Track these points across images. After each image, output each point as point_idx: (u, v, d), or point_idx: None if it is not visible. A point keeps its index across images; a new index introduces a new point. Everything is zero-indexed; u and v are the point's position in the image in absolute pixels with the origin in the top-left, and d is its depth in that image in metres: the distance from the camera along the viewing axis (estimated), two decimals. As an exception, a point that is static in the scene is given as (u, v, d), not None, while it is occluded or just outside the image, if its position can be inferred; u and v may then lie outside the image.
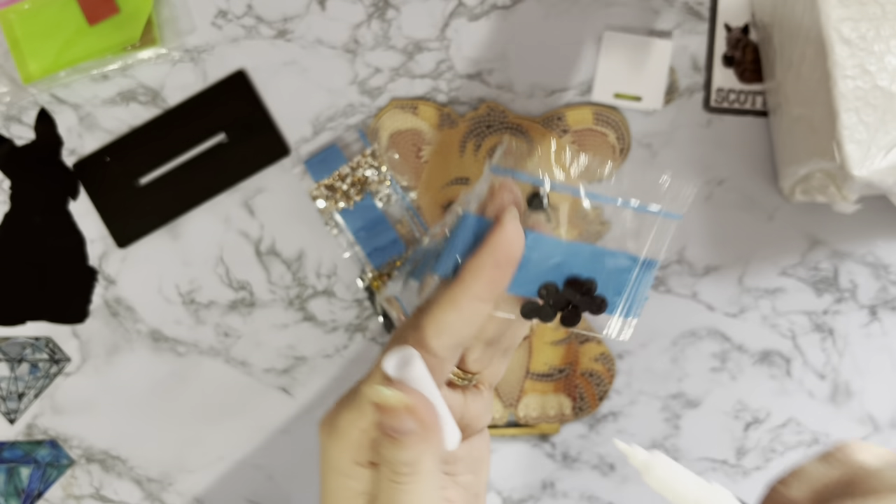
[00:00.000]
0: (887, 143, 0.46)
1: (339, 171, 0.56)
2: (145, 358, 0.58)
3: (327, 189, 0.56)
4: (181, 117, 0.57)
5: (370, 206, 0.56)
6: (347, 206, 0.55)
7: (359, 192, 0.55)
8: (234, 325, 0.58)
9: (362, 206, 0.56)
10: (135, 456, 0.58)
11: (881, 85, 0.46)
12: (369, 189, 0.56)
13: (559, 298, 0.34)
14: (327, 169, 0.56)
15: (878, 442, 0.57)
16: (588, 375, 0.57)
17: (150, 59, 0.57)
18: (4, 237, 0.58)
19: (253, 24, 0.57)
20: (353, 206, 0.55)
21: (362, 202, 0.56)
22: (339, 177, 0.56)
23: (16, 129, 0.58)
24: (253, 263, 0.58)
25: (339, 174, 0.56)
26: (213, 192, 0.57)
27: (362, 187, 0.55)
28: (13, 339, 0.58)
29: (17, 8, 0.56)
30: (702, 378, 0.57)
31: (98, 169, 0.57)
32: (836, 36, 0.46)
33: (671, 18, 0.57)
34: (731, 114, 0.57)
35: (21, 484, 0.58)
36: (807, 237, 0.57)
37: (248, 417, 0.58)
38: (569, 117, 0.56)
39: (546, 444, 0.58)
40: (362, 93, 0.57)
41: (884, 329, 0.57)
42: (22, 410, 0.58)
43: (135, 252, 0.58)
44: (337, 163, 0.56)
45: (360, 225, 0.56)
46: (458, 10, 0.57)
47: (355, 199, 0.55)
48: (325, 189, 0.56)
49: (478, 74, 0.57)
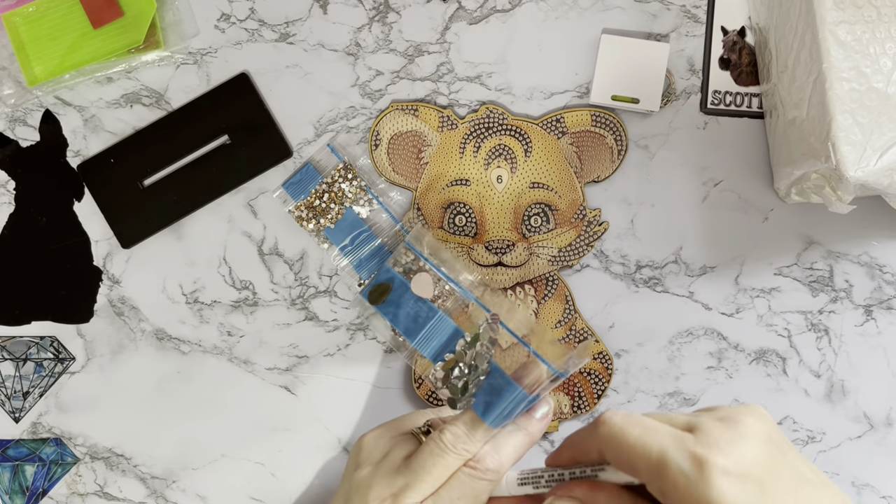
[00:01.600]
0: (882, 144, 0.46)
1: (316, 189, 0.56)
2: (149, 357, 0.58)
3: (307, 208, 0.56)
4: (185, 119, 0.57)
5: (353, 219, 0.56)
6: (330, 225, 0.56)
7: (339, 206, 0.56)
8: (238, 325, 0.58)
9: (345, 220, 0.56)
10: (139, 454, 0.59)
11: (876, 87, 0.46)
12: (347, 201, 0.56)
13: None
14: (304, 188, 0.57)
15: (873, 440, 0.58)
16: (586, 374, 0.57)
17: (154, 61, 0.57)
18: (10, 238, 0.58)
19: (256, 27, 0.58)
20: (335, 223, 0.56)
21: (345, 216, 0.56)
22: (316, 194, 0.56)
23: (21, 131, 0.58)
24: (256, 263, 0.58)
25: (315, 192, 0.56)
26: (217, 193, 0.57)
27: (341, 201, 0.56)
28: (18, 339, 0.59)
29: (23, 11, 0.56)
30: (698, 376, 0.58)
31: (102, 170, 0.58)
32: (831, 38, 0.46)
33: (668, 21, 0.57)
34: (727, 116, 0.57)
35: (26, 482, 0.58)
36: (802, 237, 0.57)
37: (251, 415, 0.58)
38: (567, 119, 0.56)
39: (545, 441, 0.58)
40: (363, 95, 0.58)
41: (879, 328, 0.58)
42: (27, 409, 0.59)
43: (139, 252, 0.58)
44: (313, 181, 0.57)
45: (346, 240, 0.57)
46: (458, 14, 0.58)
47: (337, 216, 0.56)
48: (305, 208, 0.56)
49: (477, 77, 0.58)
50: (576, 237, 0.57)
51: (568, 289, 0.57)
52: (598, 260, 0.58)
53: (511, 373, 0.46)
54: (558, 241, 0.57)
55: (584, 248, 0.57)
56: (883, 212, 0.55)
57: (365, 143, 0.58)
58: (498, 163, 0.57)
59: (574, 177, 0.57)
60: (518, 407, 0.45)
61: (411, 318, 0.51)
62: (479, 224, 0.57)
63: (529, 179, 0.56)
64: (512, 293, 0.57)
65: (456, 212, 0.57)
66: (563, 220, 0.57)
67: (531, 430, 0.45)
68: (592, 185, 0.57)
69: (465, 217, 0.57)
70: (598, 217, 0.57)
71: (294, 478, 0.59)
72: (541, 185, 0.56)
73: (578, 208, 0.57)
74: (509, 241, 0.57)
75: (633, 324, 0.58)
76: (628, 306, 0.58)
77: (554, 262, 0.57)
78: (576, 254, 0.57)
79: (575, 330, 0.57)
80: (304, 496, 0.59)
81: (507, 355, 0.53)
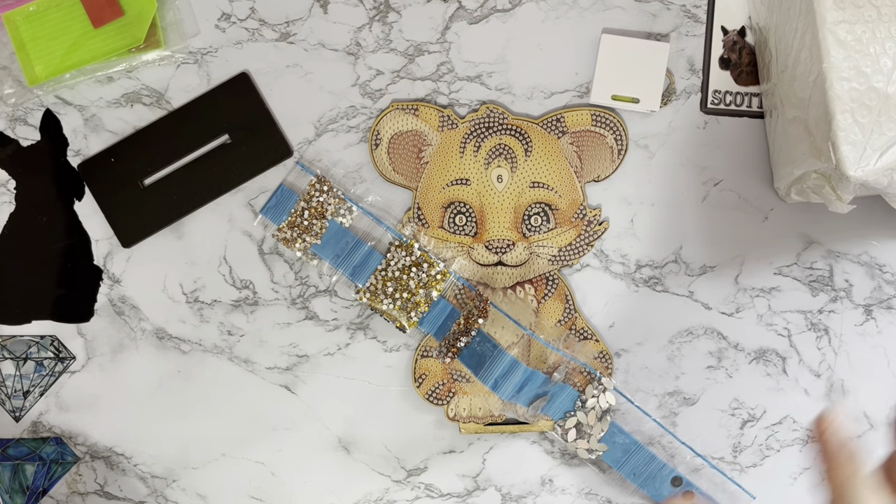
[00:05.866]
0: (882, 143, 0.46)
1: (295, 208, 0.56)
2: (150, 356, 0.58)
3: (290, 228, 0.56)
4: (185, 119, 0.57)
5: (337, 230, 0.56)
6: (317, 241, 0.56)
7: (321, 221, 0.56)
8: (238, 324, 0.58)
9: (330, 232, 0.56)
10: (139, 453, 0.59)
11: (876, 86, 0.46)
12: (329, 214, 0.56)
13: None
14: (284, 210, 0.57)
15: (872, 440, 0.58)
16: (587, 373, 0.57)
17: (155, 61, 0.57)
18: (10, 237, 0.58)
19: (256, 26, 0.58)
20: (321, 238, 0.56)
21: (329, 229, 0.56)
22: (296, 213, 0.56)
23: (22, 131, 0.58)
24: (256, 263, 0.58)
25: (295, 211, 0.56)
26: (217, 192, 0.58)
27: (322, 214, 0.56)
28: (19, 338, 0.59)
29: (23, 11, 0.56)
30: (698, 376, 0.58)
31: (103, 170, 0.58)
32: (831, 38, 0.46)
33: (668, 21, 0.57)
34: (727, 115, 0.58)
35: (26, 481, 0.58)
36: (802, 237, 0.57)
37: (251, 415, 0.58)
38: (567, 119, 0.57)
39: (545, 440, 0.58)
40: (364, 95, 0.58)
41: (878, 328, 0.58)
42: (27, 408, 0.59)
43: (139, 252, 0.58)
44: (290, 201, 0.57)
45: (334, 253, 0.57)
46: (458, 14, 0.58)
47: (321, 230, 0.56)
48: (289, 229, 0.56)
49: (477, 77, 0.58)
50: (576, 237, 0.57)
51: (568, 288, 0.57)
52: (598, 259, 0.58)
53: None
54: (558, 240, 0.57)
55: (584, 248, 0.57)
56: (883, 212, 0.55)
57: (365, 143, 0.58)
58: (498, 162, 0.57)
59: (574, 176, 0.57)
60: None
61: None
62: (480, 223, 0.57)
63: (529, 179, 0.57)
64: (512, 292, 0.57)
65: (456, 211, 0.57)
66: (563, 220, 0.57)
67: None
68: (592, 184, 0.57)
69: (465, 216, 0.57)
70: (598, 216, 0.57)
71: (294, 477, 0.59)
72: (541, 184, 0.56)
73: (578, 208, 0.57)
74: (509, 241, 0.57)
75: (632, 323, 0.58)
76: (628, 306, 0.58)
77: (554, 261, 0.57)
78: (576, 253, 0.57)
79: (575, 329, 0.57)
80: (304, 496, 0.59)
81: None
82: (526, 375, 0.55)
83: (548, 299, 0.57)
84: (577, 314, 0.57)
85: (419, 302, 0.56)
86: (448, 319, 0.56)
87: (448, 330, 0.56)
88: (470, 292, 0.56)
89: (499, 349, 0.54)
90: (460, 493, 0.59)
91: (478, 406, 0.57)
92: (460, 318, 0.56)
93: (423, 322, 0.56)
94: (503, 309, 0.56)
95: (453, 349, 0.55)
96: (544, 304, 0.57)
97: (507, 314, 0.56)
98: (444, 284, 0.56)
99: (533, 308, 0.57)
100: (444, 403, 0.58)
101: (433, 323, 0.56)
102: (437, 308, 0.56)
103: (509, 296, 0.57)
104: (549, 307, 0.57)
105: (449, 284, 0.56)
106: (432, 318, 0.56)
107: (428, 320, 0.56)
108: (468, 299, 0.56)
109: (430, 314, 0.56)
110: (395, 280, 0.56)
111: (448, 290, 0.57)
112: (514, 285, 0.57)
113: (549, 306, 0.57)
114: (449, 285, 0.56)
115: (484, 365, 0.55)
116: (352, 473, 0.59)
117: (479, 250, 0.57)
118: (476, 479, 0.59)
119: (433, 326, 0.57)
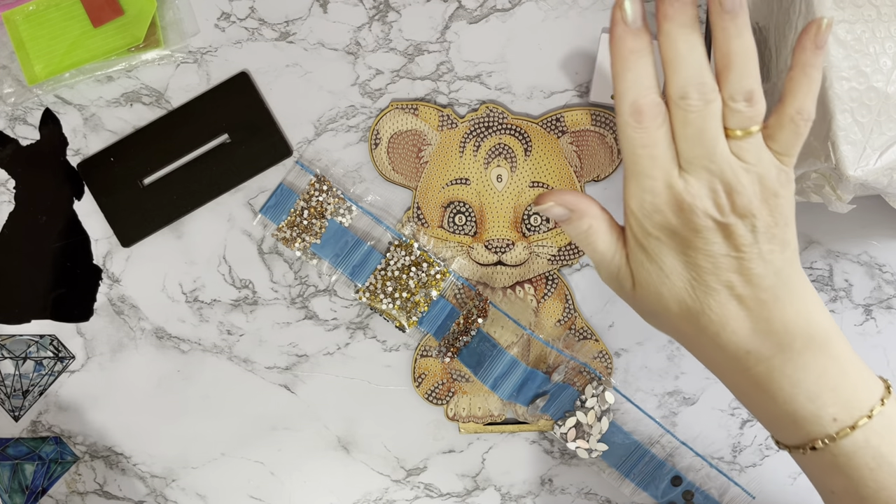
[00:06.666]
0: (882, 143, 0.46)
1: (294, 207, 0.57)
2: (149, 355, 0.58)
3: (290, 228, 0.56)
4: (185, 118, 0.57)
5: (337, 229, 0.56)
6: (316, 241, 0.56)
7: (320, 220, 0.56)
8: (237, 324, 0.58)
9: (329, 232, 0.56)
10: (139, 452, 0.59)
11: (876, 86, 0.46)
12: (328, 213, 0.56)
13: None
14: (283, 209, 0.57)
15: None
16: (587, 373, 0.57)
17: (154, 60, 0.57)
18: (10, 236, 0.58)
19: (256, 26, 0.58)
20: (320, 238, 0.56)
21: (329, 228, 0.56)
22: (296, 212, 0.56)
23: (21, 130, 0.58)
24: (255, 262, 0.58)
25: (294, 210, 0.56)
26: (217, 192, 0.58)
27: (322, 213, 0.56)
28: (18, 337, 0.59)
29: (23, 10, 0.56)
30: (698, 375, 0.58)
31: (102, 169, 0.58)
32: (831, 38, 0.46)
33: (668, 21, 0.57)
34: (727, 115, 0.57)
35: (25, 480, 0.58)
36: (802, 237, 0.57)
37: (251, 414, 0.59)
38: (567, 118, 0.57)
39: (544, 440, 0.58)
40: (363, 94, 0.58)
41: (878, 328, 0.58)
42: (26, 407, 0.59)
43: (139, 251, 0.58)
44: (290, 201, 0.57)
45: (333, 252, 0.57)
46: (458, 13, 0.58)
47: (320, 230, 0.56)
48: (288, 228, 0.56)
49: (477, 76, 0.58)
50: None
51: (568, 288, 0.57)
52: (598, 259, 0.58)
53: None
54: (558, 240, 0.57)
55: (584, 248, 0.57)
56: (883, 211, 0.55)
57: (365, 143, 0.58)
58: (498, 162, 0.57)
59: (574, 176, 0.57)
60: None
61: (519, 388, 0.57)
62: (479, 223, 0.57)
63: (529, 178, 0.57)
64: (511, 292, 0.57)
65: (456, 211, 0.57)
66: (562, 220, 0.57)
67: None
68: (592, 184, 0.57)
69: (464, 216, 0.57)
70: None
71: (294, 477, 0.59)
72: (541, 184, 0.56)
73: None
74: (509, 240, 0.57)
75: (632, 323, 0.58)
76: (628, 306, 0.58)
77: (554, 261, 0.57)
78: (576, 253, 0.57)
79: (574, 329, 0.57)
80: (304, 496, 0.59)
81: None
82: (525, 375, 0.55)
83: (547, 299, 0.57)
84: (577, 314, 0.57)
85: (419, 301, 0.56)
86: (447, 319, 0.56)
87: (447, 329, 0.56)
88: (469, 292, 0.57)
89: (498, 349, 0.54)
90: (460, 492, 0.59)
91: (477, 406, 0.58)
92: (460, 318, 0.56)
93: (423, 322, 0.56)
94: (503, 308, 0.56)
95: (453, 349, 0.55)
96: (544, 303, 0.57)
97: (506, 314, 0.56)
98: (444, 284, 0.56)
99: (532, 308, 0.57)
100: (443, 403, 0.58)
101: (432, 322, 0.57)
102: (437, 308, 0.56)
103: (509, 295, 0.57)
104: (549, 307, 0.57)
105: (448, 284, 0.56)
106: (432, 318, 0.57)
107: (427, 320, 0.56)
108: (468, 299, 0.56)
109: (429, 314, 0.56)
110: (395, 279, 0.56)
111: (447, 290, 0.57)
112: (513, 285, 0.57)
113: (549, 306, 0.57)
114: (448, 285, 0.56)
115: (483, 364, 0.55)
116: (351, 473, 0.59)
117: (479, 250, 0.57)
118: (475, 479, 0.59)
119: (433, 326, 0.57)
